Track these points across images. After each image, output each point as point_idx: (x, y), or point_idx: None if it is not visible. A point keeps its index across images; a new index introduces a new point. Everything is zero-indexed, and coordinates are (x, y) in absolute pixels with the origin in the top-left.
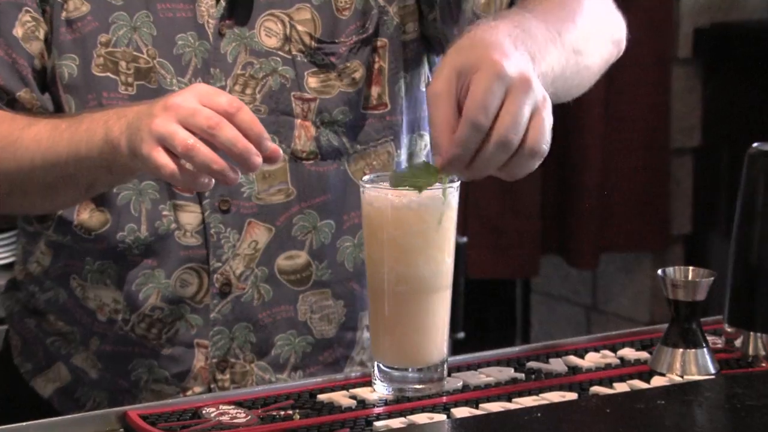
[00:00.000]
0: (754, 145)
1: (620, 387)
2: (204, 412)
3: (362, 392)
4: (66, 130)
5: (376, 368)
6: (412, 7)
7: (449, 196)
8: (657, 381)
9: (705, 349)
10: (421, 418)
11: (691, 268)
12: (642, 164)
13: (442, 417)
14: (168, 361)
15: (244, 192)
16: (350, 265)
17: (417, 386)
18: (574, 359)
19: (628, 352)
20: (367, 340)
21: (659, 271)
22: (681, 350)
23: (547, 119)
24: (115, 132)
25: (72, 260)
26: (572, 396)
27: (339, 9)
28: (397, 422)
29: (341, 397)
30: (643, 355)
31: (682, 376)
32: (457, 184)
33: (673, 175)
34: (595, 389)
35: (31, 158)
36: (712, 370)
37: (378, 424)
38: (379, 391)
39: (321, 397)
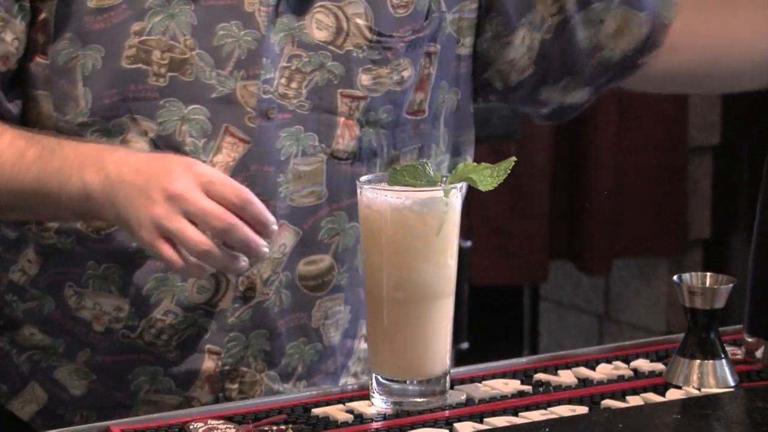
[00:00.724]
0: None
1: (634, 400)
2: (191, 427)
3: (359, 406)
4: (33, 163)
5: (374, 380)
6: (473, 21)
7: (452, 197)
8: (673, 394)
9: (724, 361)
10: None
11: (709, 274)
12: (658, 164)
13: None
14: (174, 368)
15: (281, 192)
16: (362, 270)
17: (418, 400)
18: (584, 371)
19: (642, 364)
20: (363, 351)
21: (675, 278)
22: (698, 361)
23: None
24: (95, 188)
25: (67, 267)
26: (583, 410)
27: (394, 5)
28: None
29: (337, 412)
30: (658, 366)
31: (699, 389)
32: (461, 184)
33: (691, 176)
34: (607, 403)
35: None
36: (732, 383)
37: None
38: (378, 404)
39: (316, 411)
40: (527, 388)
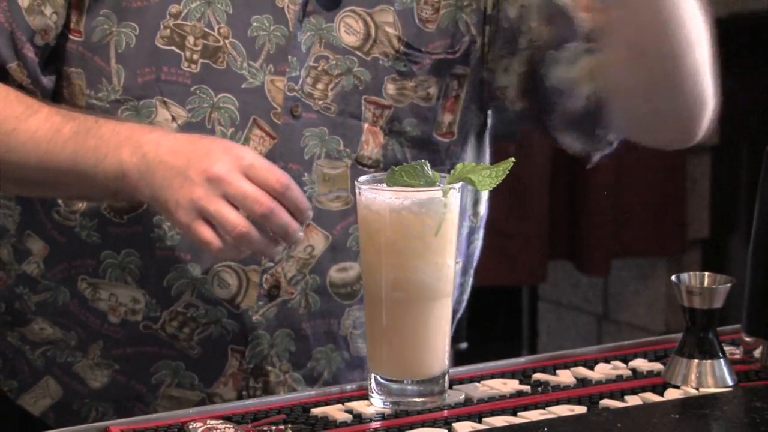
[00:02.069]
0: None
1: (632, 400)
2: (190, 427)
3: (358, 406)
4: (70, 140)
5: (373, 380)
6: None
7: (450, 197)
8: (671, 394)
9: (722, 360)
10: None
11: (707, 273)
12: (656, 164)
13: None
14: (197, 364)
15: (307, 191)
16: None
17: (416, 399)
18: (583, 371)
19: (641, 364)
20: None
21: (673, 278)
22: (697, 361)
23: None
24: (132, 167)
25: (79, 260)
26: (581, 410)
27: (422, 19)
28: None
29: (336, 412)
30: (657, 366)
31: (697, 389)
32: (459, 185)
33: (689, 176)
34: (606, 402)
35: (26, 156)
36: (730, 382)
37: None
38: (376, 404)
39: (315, 411)
40: (526, 388)
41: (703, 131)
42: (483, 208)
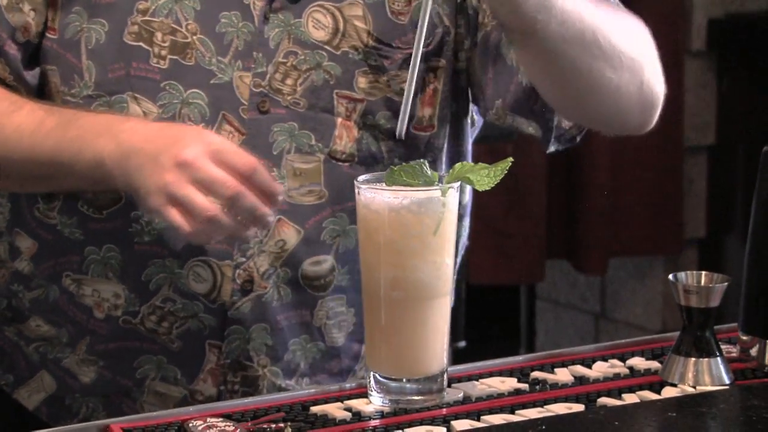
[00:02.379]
0: None
1: (629, 398)
2: (191, 425)
3: (357, 404)
4: (52, 131)
5: (371, 379)
6: (462, 35)
7: (449, 196)
8: (668, 392)
9: (719, 359)
10: None
11: (704, 272)
12: (653, 163)
13: (442, 430)
14: (178, 359)
15: None
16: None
17: (415, 398)
18: (581, 369)
19: (638, 362)
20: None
21: (670, 276)
22: (694, 359)
23: None
24: (106, 157)
25: (64, 257)
26: (579, 408)
27: (394, 12)
28: None
29: (335, 410)
30: (654, 364)
31: (694, 387)
32: (457, 184)
33: (686, 175)
34: (603, 401)
35: (11, 149)
36: (727, 381)
37: None
38: (375, 403)
39: (314, 409)
40: (524, 386)
41: (652, 121)
42: (467, 197)
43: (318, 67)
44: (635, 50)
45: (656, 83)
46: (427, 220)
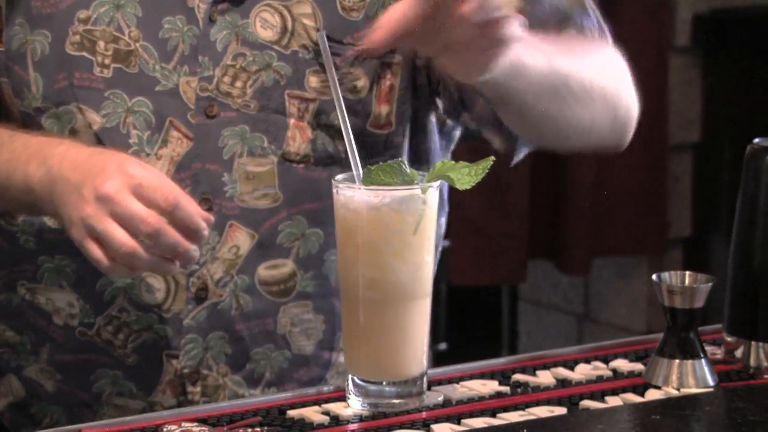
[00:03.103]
0: (756, 140)
1: (613, 401)
2: (165, 429)
3: (336, 408)
4: None
5: (350, 382)
6: None
7: (429, 195)
8: (652, 394)
9: (703, 360)
10: None
11: (688, 273)
12: (637, 161)
13: None
14: (134, 372)
15: (227, 191)
16: (334, 281)
17: (394, 401)
18: (563, 371)
19: (621, 364)
20: (343, 365)
21: (654, 277)
22: (678, 361)
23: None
24: (36, 181)
25: (18, 266)
26: (561, 411)
27: (345, 8)
28: None
29: (313, 413)
30: (638, 366)
31: (678, 389)
32: (437, 183)
33: (671, 174)
34: (586, 403)
35: None
36: (711, 383)
37: None
38: (354, 406)
39: (291, 413)
40: (505, 389)
41: (628, 139)
42: (445, 195)
43: (267, 67)
44: (609, 85)
45: (631, 107)
46: (407, 218)
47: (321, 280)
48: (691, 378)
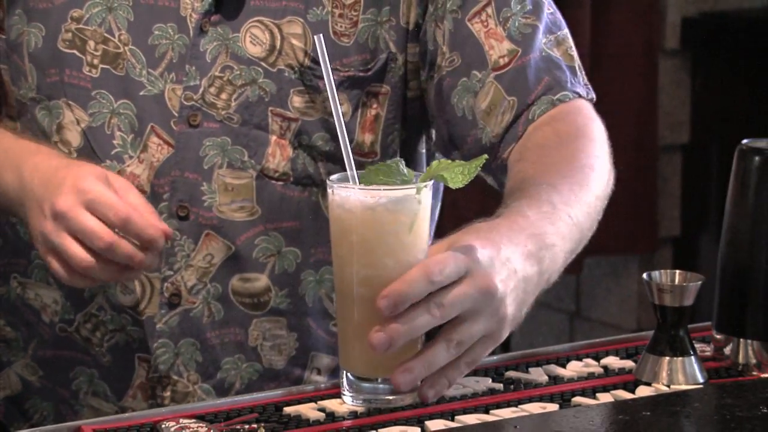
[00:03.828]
0: (744, 141)
1: (604, 397)
2: (163, 426)
3: (331, 404)
4: None
5: (345, 379)
6: (417, 64)
7: (423, 195)
8: (642, 391)
9: (693, 357)
10: None
11: (677, 271)
12: (628, 162)
13: (416, 430)
14: (108, 372)
15: (205, 201)
16: (310, 301)
17: (388, 398)
18: (555, 368)
19: (612, 361)
20: (316, 383)
21: (644, 275)
22: (668, 358)
23: (495, 344)
24: (11, 189)
25: (14, 258)
26: (553, 407)
27: (337, 33)
28: None
29: (309, 410)
30: (628, 363)
31: (668, 386)
32: (431, 183)
33: (660, 174)
34: (578, 400)
35: None
36: (701, 379)
37: None
38: (349, 403)
39: (287, 409)
40: (498, 385)
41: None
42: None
43: (253, 83)
44: (604, 193)
45: (610, 179)
46: (402, 218)
47: (296, 299)
48: (681, 375)
